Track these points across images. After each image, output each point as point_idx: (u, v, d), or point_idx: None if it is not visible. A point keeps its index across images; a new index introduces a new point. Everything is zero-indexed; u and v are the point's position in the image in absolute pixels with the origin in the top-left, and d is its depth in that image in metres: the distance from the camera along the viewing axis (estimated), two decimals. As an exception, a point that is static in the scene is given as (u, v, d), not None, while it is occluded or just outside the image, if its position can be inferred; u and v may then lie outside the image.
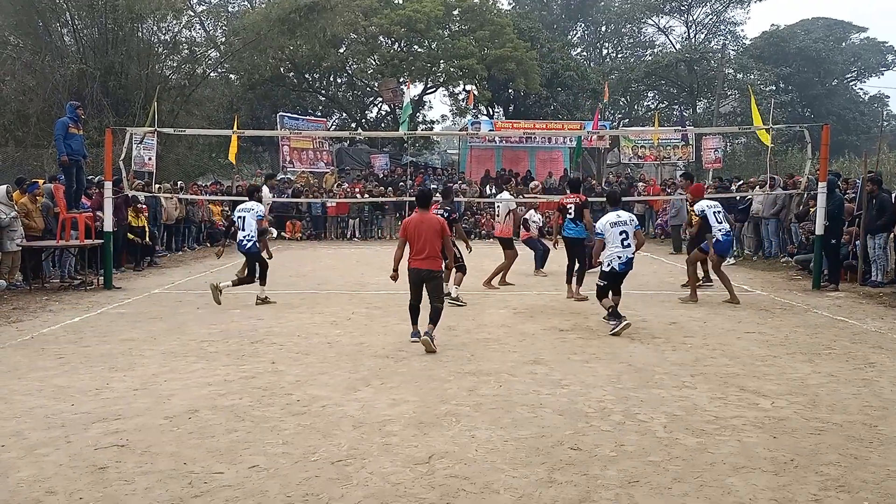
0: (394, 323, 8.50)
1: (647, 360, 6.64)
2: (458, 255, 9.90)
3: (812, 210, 12.10)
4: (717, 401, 5.42)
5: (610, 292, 8.17)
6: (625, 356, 6.81)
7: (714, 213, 10.04)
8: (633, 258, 8.18)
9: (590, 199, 11.42)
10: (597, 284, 8.27)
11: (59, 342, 7.44)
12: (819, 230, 11.04)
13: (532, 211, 13.69)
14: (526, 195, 15.77)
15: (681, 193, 17.09)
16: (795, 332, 8.01)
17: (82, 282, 11.57)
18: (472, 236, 18.71)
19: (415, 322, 7.43)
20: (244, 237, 9.80)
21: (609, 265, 8.11)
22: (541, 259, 13.13)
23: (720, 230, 9.96)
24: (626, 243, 8.09)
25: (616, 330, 7.74)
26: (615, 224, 8.16)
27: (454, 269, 9.70)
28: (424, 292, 7.30)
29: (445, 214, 9.51)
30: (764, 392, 5.65)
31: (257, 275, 9.95)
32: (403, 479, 3.96)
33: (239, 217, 9.95)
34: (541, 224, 13.95)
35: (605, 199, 9.45)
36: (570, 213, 10.36)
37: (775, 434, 4.69)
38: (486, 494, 3.78)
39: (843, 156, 32.92)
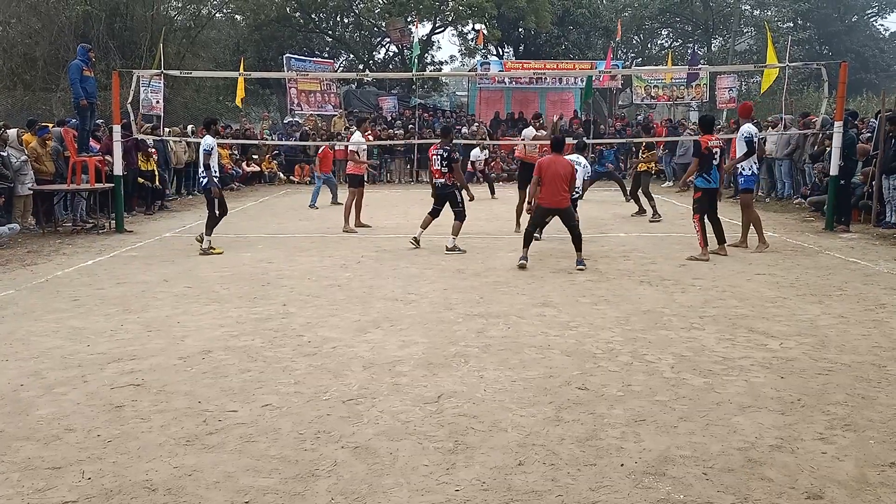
0: (403, 266, 8.54)
1: (655, 303, 6.65)
2: (460, 201, 9.54)
3: (826, 150, 11.91)
4: (726, 342, 5.44)
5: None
6: (633, 298, 6.82)
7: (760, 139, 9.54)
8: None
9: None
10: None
11: (73, 285, 7.53)
12: (833, 170, 10.89)
13: (476, 150, 17.57)
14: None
15: (690, 133, 17.98)
16: (806, 273, 7.98)
17: (94, 225, 11.65)
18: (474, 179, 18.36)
19: None
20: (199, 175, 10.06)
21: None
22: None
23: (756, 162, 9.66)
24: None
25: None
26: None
27: (453, 218, 9.46)
28: None
29: (445, 154, 9.40)
30: (773, 333, 5.66)
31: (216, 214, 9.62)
32: (413, 418, 4.03)
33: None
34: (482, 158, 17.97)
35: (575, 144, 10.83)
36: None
37: (783, 374, 4.72)
38: (494, 432, 3.84)
39: (860, 94, 32.20)
